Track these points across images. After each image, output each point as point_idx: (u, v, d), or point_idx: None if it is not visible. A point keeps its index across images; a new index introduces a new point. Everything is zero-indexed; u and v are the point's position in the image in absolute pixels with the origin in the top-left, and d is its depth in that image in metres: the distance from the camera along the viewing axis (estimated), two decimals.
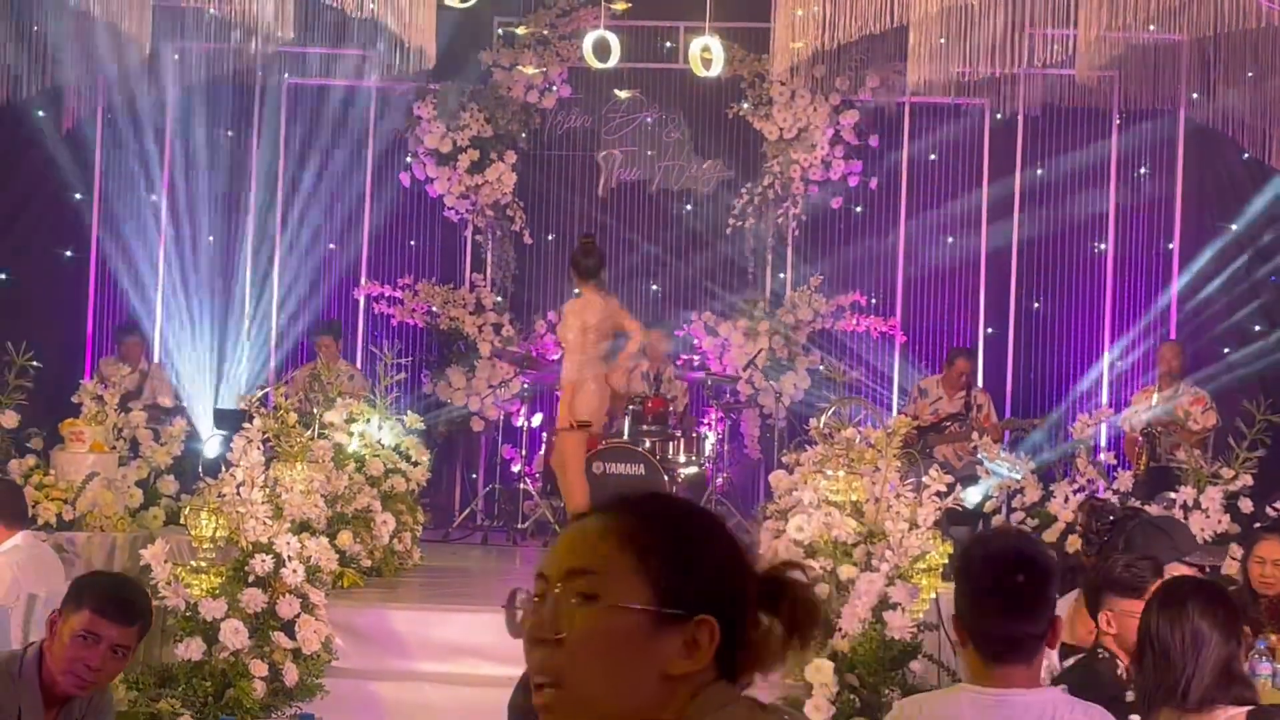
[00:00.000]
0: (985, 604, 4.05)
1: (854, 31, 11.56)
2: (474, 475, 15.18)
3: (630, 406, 13.38)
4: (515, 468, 14.36)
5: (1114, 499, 11.20)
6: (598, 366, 11.66)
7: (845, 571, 8.64)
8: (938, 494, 8.85)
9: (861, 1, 11.37)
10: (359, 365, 14.89)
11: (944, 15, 11.46)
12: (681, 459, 13.78)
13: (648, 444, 13.40)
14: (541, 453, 14.02)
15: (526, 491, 13.82)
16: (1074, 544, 10.98)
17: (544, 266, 15.49)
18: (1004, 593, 4.02)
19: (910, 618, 8.34)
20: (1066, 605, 6.51)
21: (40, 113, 14.86)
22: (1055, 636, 4.14)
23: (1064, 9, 11.61)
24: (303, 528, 9.18)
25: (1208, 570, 6.84)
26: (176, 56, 14.66)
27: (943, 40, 11.99)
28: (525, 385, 14.36)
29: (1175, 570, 6.26)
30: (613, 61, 10.17)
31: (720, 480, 13.96)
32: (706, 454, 14.02)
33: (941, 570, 9.21)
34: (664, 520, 2.32)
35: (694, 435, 14.04)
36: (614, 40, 10.07)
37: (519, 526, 13.65)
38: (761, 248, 15.32)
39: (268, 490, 9.20)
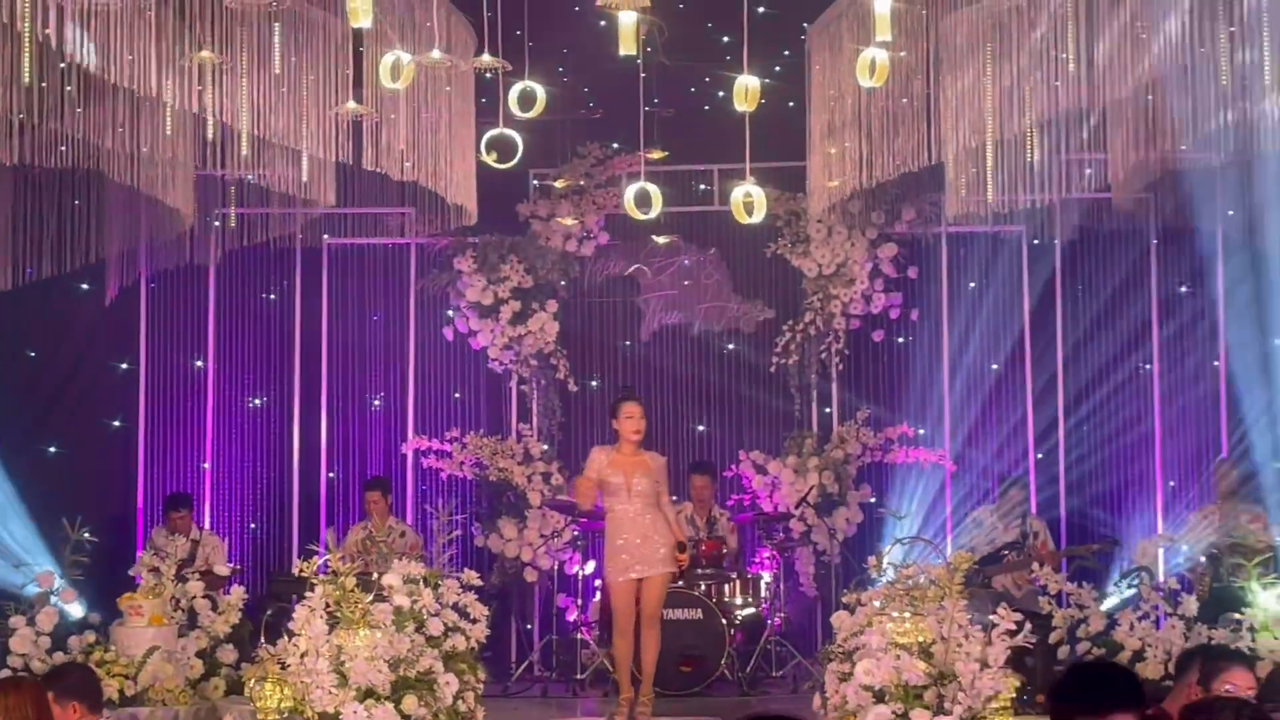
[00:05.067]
0: None
1: (891, 170, 11.63)
2: (529, 626, 15.11)
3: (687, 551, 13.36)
4: (571, 617, 14.29)
5: (1180, 624, 11.11)
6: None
7: (917, 716, 8.56)
8: (1008, 632, 8.77)
9: (898, 140, 11.44)
10: (410, 520, 14.89)
11: (978, 148, 11.51)
12: (738, 601, 13.75)
13: (703, 587, 13.39)
14: (596, 600, 13.97)
15: (583, 641, 13.75)
16: (1142, 672, 10.88)
17: (590, 413, 15.51)
18: None
19: None
20: None
21: (84, 285, 15.01)
22: None
23: (1098, 136, 11.67)
24: (368, 694, 9.13)
25: None
26: (217, 224, 14.82)
27: (976, 171, 12.04)
28: (577, 534, 14.30)
29: None
30: (654, 212, 10.22)
31: (778, 620, 13.89)
32: (762, 594, 13.97)
33: (1013, 706, 9.10)
34: None
35: (749, 576, 14.01)
36: (655, 191, 10.13)
37: (578, 677, 13.56)
38: (806, 384, 15.33)
39: (331, 658, 9.17)
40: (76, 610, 11.58)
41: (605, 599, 13.46)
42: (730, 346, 15.55)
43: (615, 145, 15.31)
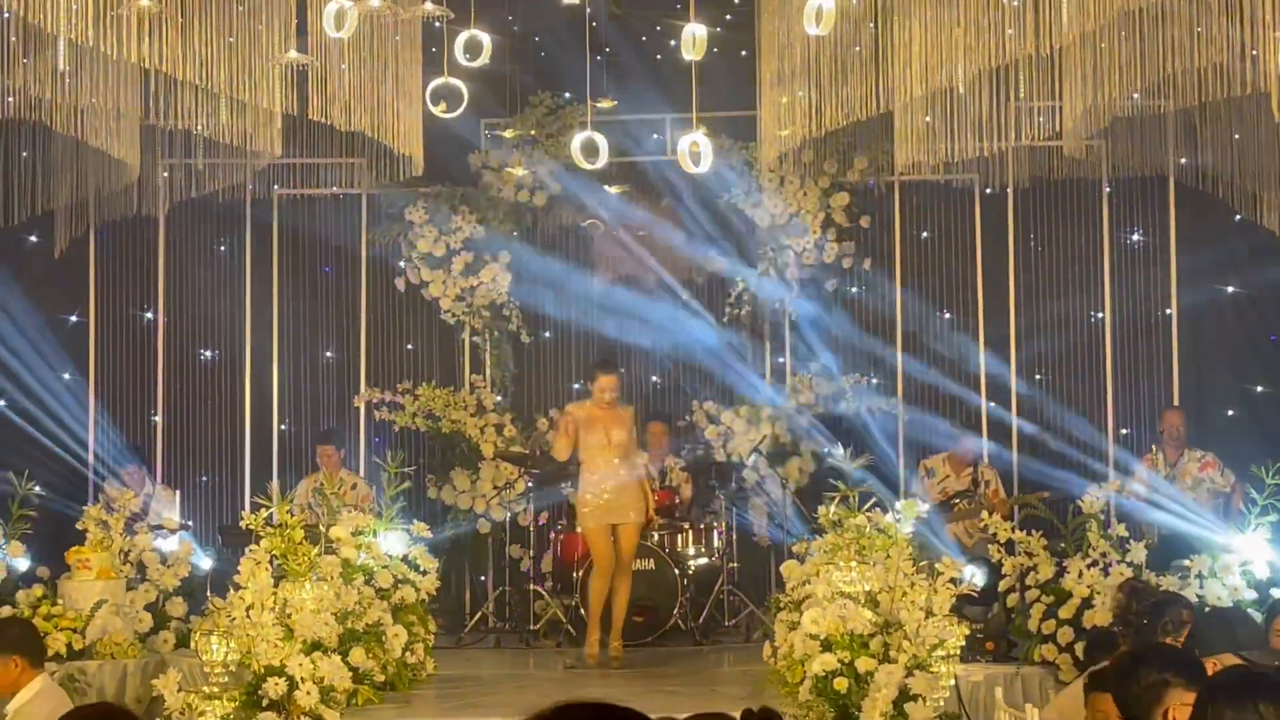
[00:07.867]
0: None
1: (840, 119, 11.57)
2: (483, 578, 15.09)
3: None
4: (524, 568, 14.26)
5: (1128, 570, 11.14)
6: None
7: (863, 664, 8.58)
8: (951, 580, 8.79)
9: (846, 89, 11.39)
10: (361, 473, 14.82)
11: (929, 97, 11.47)
12: (691, 551, 13.74)
13: (656, 537, 13.37)
14: (551, 552, 13.97)
15: (537, 592, 13.73)
16: (1090, 619, 10.91)
17: (542, 364, 15.48)
18: None
19: (932, 707, 8.26)
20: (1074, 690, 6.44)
21: (32, 238, 14.91)
22: None
23: (1048, 83, 11.62)
24: (314, 647, 9.12)
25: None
26: (165, 174, 14.68)
27: (928, 119, 12.00)
28: (530, 485, 14.29)
29: (1226, 661, 6.16)
30: (601, 162, 10.13)
31: (731, 570, 13.89)
32: (715, 544, 13.96)
33: (960, 653, 9.12)
34: None
35: (701, 526, 14.00)
36: (602, 141, 10.03)
37: (531, 628, 13.55)
38: (759, 334, 15.30)
39: (277, 611, 9.15)
40: (24, 564, 11.53)
41: (560, 549, 13.52)
42: (684, 296, 15.49)
43: (567, 95, 15.21)
